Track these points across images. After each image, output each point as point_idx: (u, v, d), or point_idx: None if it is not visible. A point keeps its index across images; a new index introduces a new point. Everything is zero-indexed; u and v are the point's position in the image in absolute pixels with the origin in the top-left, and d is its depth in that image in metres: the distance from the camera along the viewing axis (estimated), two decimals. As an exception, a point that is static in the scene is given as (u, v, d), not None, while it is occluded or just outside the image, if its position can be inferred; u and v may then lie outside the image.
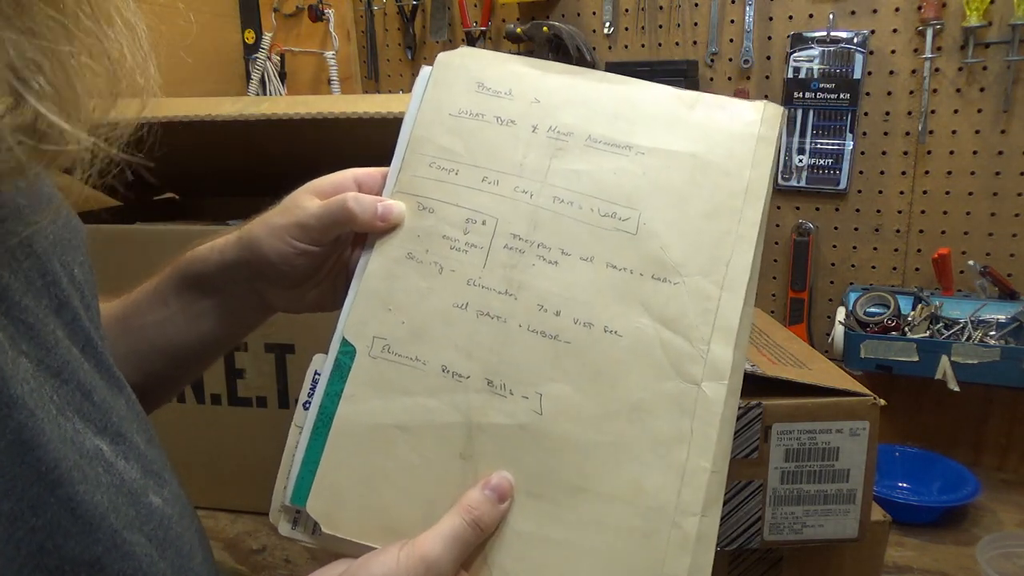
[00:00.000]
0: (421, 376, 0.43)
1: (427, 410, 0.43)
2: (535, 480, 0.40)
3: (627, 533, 0.38)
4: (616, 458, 0.40)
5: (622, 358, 0.41)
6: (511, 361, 0.43)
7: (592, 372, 0.42)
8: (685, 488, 0.38)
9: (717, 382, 0.40)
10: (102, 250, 0.89)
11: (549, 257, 0.44)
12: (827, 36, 1.06)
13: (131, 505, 0.34)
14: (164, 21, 1.34)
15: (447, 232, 0.45)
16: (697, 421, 0.40)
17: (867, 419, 0.56)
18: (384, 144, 0.54)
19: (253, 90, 1.40)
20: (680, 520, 0.38)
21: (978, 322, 0.94)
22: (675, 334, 0.41)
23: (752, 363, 0.58)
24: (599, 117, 0.47)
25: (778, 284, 1.17)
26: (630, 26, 1.18)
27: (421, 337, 0.44)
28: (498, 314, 0.43)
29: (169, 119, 0.84)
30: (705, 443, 0.39)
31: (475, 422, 0.42)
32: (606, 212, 0.45)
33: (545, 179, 0.46)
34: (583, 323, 0.42)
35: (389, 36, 1.36)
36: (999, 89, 0.98)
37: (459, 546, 0.38)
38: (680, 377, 0.41)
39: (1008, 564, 0.74)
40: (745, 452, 0.56)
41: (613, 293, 0.43)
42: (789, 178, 1.12)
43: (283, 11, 1.42)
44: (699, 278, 0.42)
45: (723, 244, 0.43)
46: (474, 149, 0.47)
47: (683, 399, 0.40)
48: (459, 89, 0.49)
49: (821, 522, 0.57)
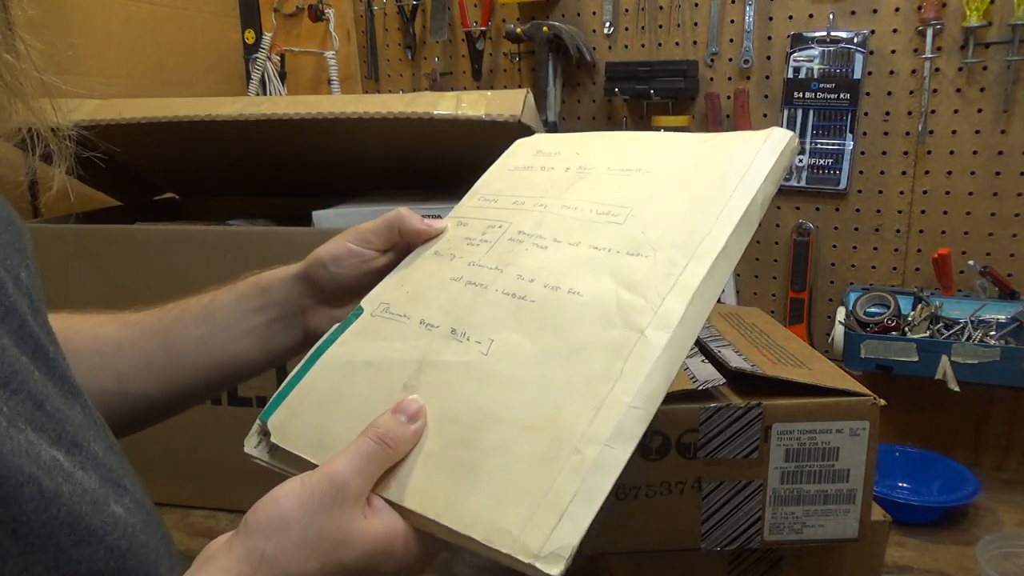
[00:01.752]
0: (402, 327, 0.49)
1: (393, 350, 0.47)
2: (458, 407, 0.42)
3: (527, 457, 0.38)
4: (540, 392, 0.41)
5: (577, 313, 0.44)
6: (478, 315, 0.47)
7: (545, 323, 0.44)
8: (598, 419, 0.38)
9: (662, 330, 0.40)
10: (102, 250, 0.89)
11: (542, 244, 0.50)
12: (827, 36, 1.06)
13: (94, 515, 0.33)
14: (164, 21, 1.34)
15: (470, 235, 0.53)
16: (631, 362, 0.40)
17: (867, 419, 0.56)
18: (384, 144, 0.55)
19: (253, 90, 1.40)
20: (582, 446, 0.37)
21: (978, 322, 0.94)
22: (633, 294, 0.43)
23: (752, 363, 0.58)
24: (622, 155, 0.54)
25: (778, 284, 1.17)
26: (630, 26, 1.18)
27: (415, 301, 0.50)
28: (482, 282, 0.49)
29: (169, 119, 0.85)
30: (632, 381, 0.39)
31: (427, 360, 0.45)
32: (603, 211, 0.50)
33: (562, 196, 0.53)
34: (551, 287, 0.46)
35: (389, 36, 1.36)
36: (999, 89, 0.98)
37: (365, 462, 0.39)
38: (626, 327, 0.41)
39: (1008, 564, 0.74)
40: (745, 452, 0.56)
41: (588, 265, 0.46)
42: (789, 178, 1.12)
43: (283, 11, 1.42)
44: (671, 250, 0.44)
45: (703, 224, 0.45)
46: (515, 186, 0.57)
47: (623, 344, 0.41)
48: (522, 154, 0.60)
49: (821, 522, 0.57)
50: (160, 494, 0.94)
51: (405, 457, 0.41)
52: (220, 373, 0.56)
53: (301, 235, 0.83)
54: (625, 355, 0.40)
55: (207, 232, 0.88)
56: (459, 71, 1.32)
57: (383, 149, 0.92)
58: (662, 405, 0.55)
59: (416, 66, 1.35)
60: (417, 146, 0.90)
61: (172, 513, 0.94)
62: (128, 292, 0.88)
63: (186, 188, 1.22)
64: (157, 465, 0.89)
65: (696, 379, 0.56)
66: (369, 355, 0.48)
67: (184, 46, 1.32)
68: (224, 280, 0.58)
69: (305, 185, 1.04)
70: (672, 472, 0.56)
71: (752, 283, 1.19)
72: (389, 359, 0.47)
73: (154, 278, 0.87)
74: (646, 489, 0.57)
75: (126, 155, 1.06)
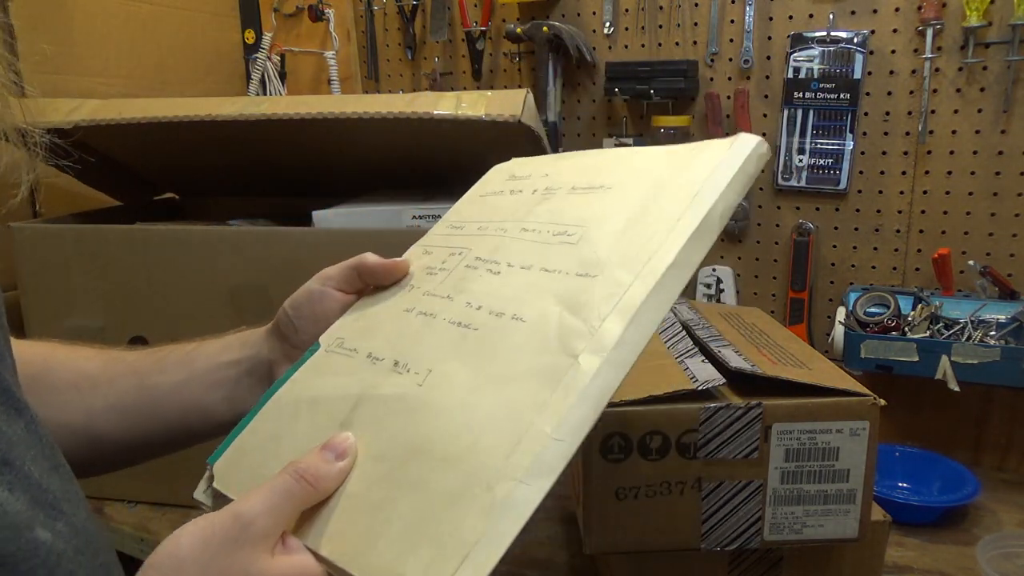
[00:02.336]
0: (350, 362, 0.47)
1: (336, 386, 0.46)
2: (386, 443, 0.40)
3: (440, 495, 0.36)
4: (466, 422, 0.39)
5: (516, 340, 0.42)
6: (422, 345, 0.45)
7: (485, 352, 0.42)
8: (517, 452, 0.35)
9: (596, 354, 0.38)
10: (102, 250, 0.89)
11: (496, 269, 0.48)
12: (827, 36, 1.06)
13: (10, 541, 0.32)
14: (164, 21, 1.34)
15: (431, 264, 0.52)
16: (559, 391, 0.37)
17: (867, 419, 0.56)
18: (384, 144, 0.55)
19: (253, 90, 1.40)
20: (495, 482, 0.34)
21: (978, 322, 0.94)
22: (575, 316, 0.41)
23: (752, 363, 0.58)
24: (587, 172, 0.53)
25: (778, 284, 1.17)
26: (630, 26, 1.18)
27: (367, 334, 0.49)
28: (432, 312, 0.47)
29: (169, 119, 0.85)
30: (557, 411, 0.36)
31: (366, 394, 0.44)
32: (559, 232, 0.48)
33: (524, 219, 0.51)
34: (496, 313, 0.44)
35: (389, 36, 1.36)
36: (999, 89, 0.98)
37: (279, 499, 0.37)
38: (562, 352, 0.39)
39: (1008, 564, 0.74)
40: (745, 452, 0.56)
41: (536, 290, 0.44)
42: (789, 178, 1.12)
43: (283, 11, 1.42)
44: (618, 270, 0.42)
45: (654, 239, 0.42)
46: (483, 212, 0.55)
47: (555, 371, 0.38)
48: (495, 180, 0.59)
49: (821, 522, 0.58)
50: (162, 493, 0.94)
51: (329, 498, 0.39)
52: (187, 425, 0.54)
53: (301, 235, 0.83)
54: (556, 383, 0.37)
55: (207, 232, 0.88)
56: (459, 71, 1.32)
57: (383, 149, 0.92)
58: (662, 405, 0.55)
59: (416, 66, 1.35)
60: (417, 146, 0.90)
61: (173, 513, 0.94)
62: (128, 292, 0.89)
63: (186, 188, 1.22)
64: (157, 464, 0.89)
65: (696, 379, 0.56)
66: (314, 392, 0.47)
67: (184, 46, 1.32)
68: (224, 280, 0.58)
69: (305, 185, 1.04)
70: (672, 472, 0.56)
71: (752, 283, 1.19)
72: (330, 396, 0.45)
73: (154, 278, 0.87)
74: (646, 489, 0.57)
75: (126, 155, 1.06)
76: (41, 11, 1.04)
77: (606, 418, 0.54)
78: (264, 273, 0.83)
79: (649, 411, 0.55)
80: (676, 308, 0.75)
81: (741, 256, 1.18)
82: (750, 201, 1.15)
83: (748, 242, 1.17)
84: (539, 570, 0.79)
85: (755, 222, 1.16)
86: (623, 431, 0.55)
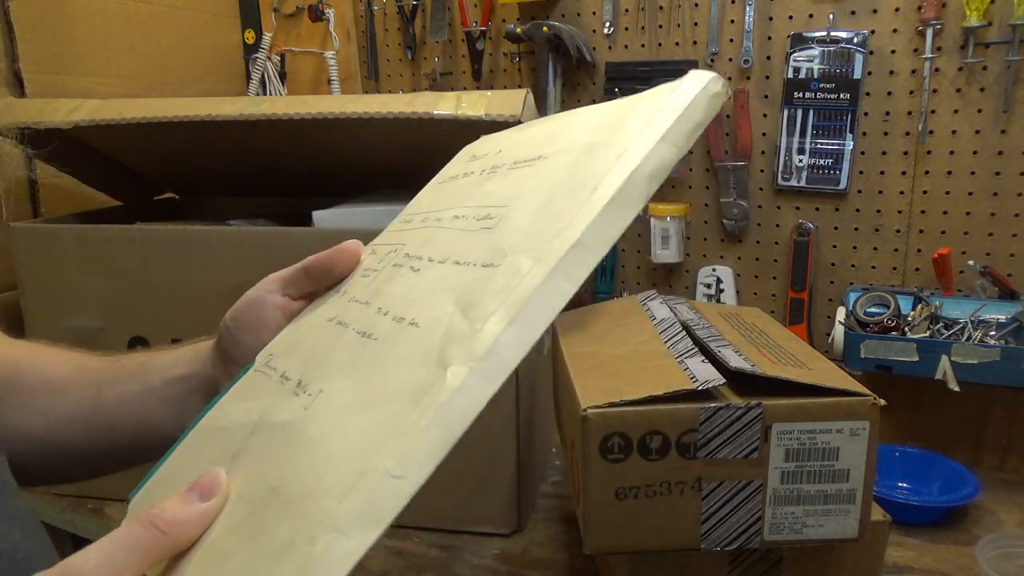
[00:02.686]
0: (266, 383, 0.42)
1: (244, 412, 0.41)
2: (255, 481, 0.35)
3: (272, 548, 0.30)
4: (322, 456, 0.33)
5: (403, 351, 0.36)
6: (326, 362, 0.40)
7: (372, 367, 0.36)
8: (351, 494, 0.29)
9: (464, 364, 0.31)
10: (102, 250, 0.89)
11: (417, 266, 0.43)
12: (827, 36, 1.06)
13: None
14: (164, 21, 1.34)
15: (369, 266, 0.47)
16: (415, 413, 0.31)
17: (867, 419, 0.56)
18: (384, 144, 0.54)
19: (253, 90, 1.40)
20: (319, 535, 0.29)
21: (978, 322, 0.94)
22: (464, 317, 0.34)
23: (752, 363, 0.58)
24: (532, 142, 0.46)
25: (778, 284, 1.17)
26: (630, 26, 1.18)
27: (291, 349, 0.44)
28: (347, 321, 0.42)
29: (169, 119, 0.84)
30: (406, 439, 0.30)
31: (262, 421, 0.39)
32: (483, 216, 0.42)
33: (459, 205, 0.45)
34: (397, 319, 0.39)
35: (389, 36, 1.36)
36: (999, 89, 0.98)
37: (121, 551, 0.32)
38: (438, 363, 0.33)
39: (1008, 564, 0.74)
40: (745, 452, 0.56)
41: (442, 288, 0.38)
42: (789, 178, 1.12)
43: (283, 11, 1.42)
44: (521, 256, 0.35)
45: (562, 217, 0.35)
46: (436, 202, 0.49)
47: (422, 389, 0.32)
48: (457, 163, 0.53)
49: (821, 522, 0.57)
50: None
51: (196, 544, 0.34)
52: (138, 441, 0.50)
53: (301, 235, 0.83)
54: (418, 402, 0.31)
55: (207, 232, 0.88)
56: (459, 71, 1.32)
57: (383, 149, 0.92)
58: (662, 405, 0.55)
59: (416, 66, 1.35)
60: (417, 146, 0.90)
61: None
62: (128, 292, 0.89)
63: (186, 188, 1.22)
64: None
65: (696, 379, 0.56)
66: (227, 420, 0.41)
67: (184, 46, 1.32)
68: (224, 280, 0.57)
69: (305, 185, 1.04)
70: (672, 472, 0.56)
71: (752, 283, 1.19)
72: (235, 424, 0.40)
73: (154, 278, 0.87)
74: (646, 489, 0.57)
75: (126, 155, 1.06)
76: (41, 11, 1.04)
77: (606, 418, 0.55)
78: (264, 273, 0.83)
79: (649, 411, 0.55)
80: (676, 308, 0.75)
81: (741, 256, 1.18)
82: (750, 201, 1.15)
83: (748, 242, 1.17)
84: (539, 570, 0.79)
85: (755, 222, 1.16)
86: (623, 431, 0.55)
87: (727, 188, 1.15)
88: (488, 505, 0.84)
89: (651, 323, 0.71)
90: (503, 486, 0.83)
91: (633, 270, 1.26)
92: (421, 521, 0.86)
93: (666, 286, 1.24)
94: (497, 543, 0.83)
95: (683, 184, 1.20)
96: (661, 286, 1.25)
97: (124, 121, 0.86)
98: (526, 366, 0.84)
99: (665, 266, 1.22)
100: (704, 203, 1.19)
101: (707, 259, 1.21)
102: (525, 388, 0.83)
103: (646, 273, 1.25)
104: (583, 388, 0.59)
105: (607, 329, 0.74)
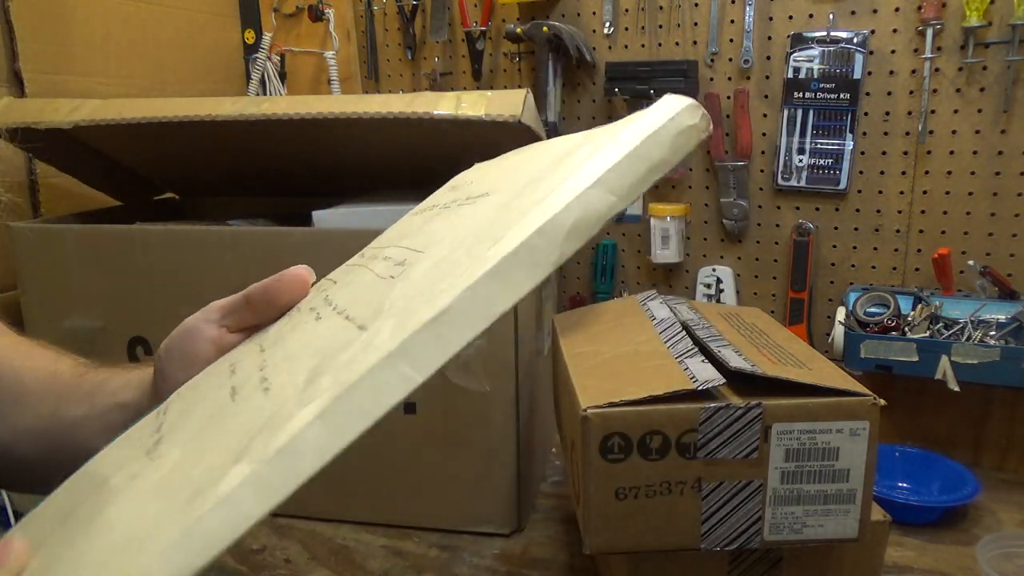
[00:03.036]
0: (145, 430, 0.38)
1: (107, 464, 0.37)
2: (50, 556, 0.31)
3: None
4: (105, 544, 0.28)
5: (237, 424, 0.30)
6: (189, 419, 0.35)
7: (206, 437, 0.31)
8: None
9: (250, 464, 0.26)
10: (102, 250, 0.89)
11: (322, 313, 0.37)
12: (827, 36, 1.06)
13: None
14: (164, 21, 1.34)
15: (302, 304, 0.42)
16: (180, 521, 0.25)
17: (867, 419, 0.56)
18: (384, 144, 0.54)
19: (253, 90, 1.40)
20: None
21: (978, 322, 0.94)
22: (304, 391, 0.28)
23: (752, 363, 0.58)
24: (495, 176, 0.41)
25: (778, 284, 1.17)
26: (630, 26, 1.18)
27: (188, 394, 0.40)
28: (237, 370, 0.38)
29: (169, 119, 0.85)
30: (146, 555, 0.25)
31: (104, 481, 0.34)
32: (399, 262, 0.36)
33: (400, 242, 0.40)
34: (262, 379, 0.33)
35: (389, 36, 1.36)
36: (999, 89, 0.98)
37: None
38: (238, 452, 0.27)
39: (1008, 564, 0.74)
40: (745, 452, 0.56)
41: (314, 347, 0.33)
42: (789, 178, 1.12)
43: (283, 11, 1.42)
44: (387, 321, 0.29)
45: (450, 276, 0.29)
46: (397, 234, 0.43)
47: (207, 482, 0.26)
48: (440, 191, 0.48)
49: (821, 522, 0.57)
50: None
51: None
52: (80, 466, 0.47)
53: (301, 235, 0.83)
54: (190, 505, 0.26)
55: (207, 232, 0.88)
56: (459, 71, 1.32)
57: (383, 149, 0.92)
58: (662, 405, 0.55)
59: (416, 66, 1.35)
60: (417, 146, 0.90)
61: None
62: (128, 292, 0.89)
63: (186, 188, 1.22)
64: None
65: (696, 379, 0.56)
66: (105, 469, 0.36)
67: (184, 46, 1.32)
68: (224, 280, 0.57)
69: (305, 185, 1.04)
70: (672, 472, 0.56)
71: (752, 283, 1.19)
72: (101, 476, 0.35)
73: (154, 278, 0.87)
74: (646, 489, 0.57)
75: (126, 155, 1.06)
76: (41, 11, 1.04)
77: (606, 418, 0.55)
78: (264, 273, 0.83)
79: (649, 411, 0.55)
80: (676, 308, 0.75)
81: (741, 256, 1.18)
82: (750, 201, 1.15)
83: (748, 242, 1.17)
84: (539, 570, 0.79)
85: (755, 222, 1.16)
86: (623, 431, 0.55)
87: (727, 188, 1.15)
88: (488, 505, 0.84)
89: (651, 323, 0.71)
90: (503, 486, 0.83)
91: (633, 270, 1.26)
92: (421, 521, 0.86)
93: (666, 286, 1.24)
94: (497, 543, 0.83)
95: (683, 184, 1.20)
96: (661, 286, 1.25)
97: (124, 121, 0.86)
98: (526, 366, 0.84)
99: (665, 266, 1.22)
100: (704, 203, 1.19)
101: (707, 259, 1.21)
102: (525, 388, 0.83)
103: (646, 273, 1.25)
104: (583, 388, 0.59)
105: (607, 329, 0.74)
